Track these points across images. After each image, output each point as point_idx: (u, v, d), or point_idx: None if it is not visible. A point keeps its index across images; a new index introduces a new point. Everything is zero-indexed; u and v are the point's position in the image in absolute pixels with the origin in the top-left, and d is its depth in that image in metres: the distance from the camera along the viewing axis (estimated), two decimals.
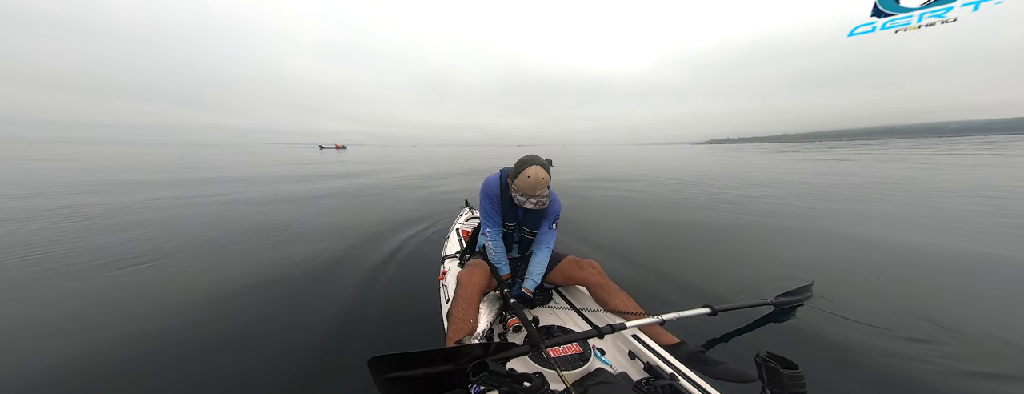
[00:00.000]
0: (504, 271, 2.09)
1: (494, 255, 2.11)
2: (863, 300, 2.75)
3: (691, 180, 11.78)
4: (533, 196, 1.90)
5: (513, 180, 1.96)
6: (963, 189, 8.21)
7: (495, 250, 2.11)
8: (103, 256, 3.67)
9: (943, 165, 14.76)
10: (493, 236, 2.13)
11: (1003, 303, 2.69)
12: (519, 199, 1.93)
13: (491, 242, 2.12)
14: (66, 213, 5.72)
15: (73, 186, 9.21)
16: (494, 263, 2.10)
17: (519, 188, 1.91)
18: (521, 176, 1.88)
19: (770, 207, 6.71)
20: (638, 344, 1.65)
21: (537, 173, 1.85)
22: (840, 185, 9.58)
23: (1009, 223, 5.00)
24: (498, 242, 2.13)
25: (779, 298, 2.44)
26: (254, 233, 4.73)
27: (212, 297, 2.80)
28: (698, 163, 22.04)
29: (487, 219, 2.16)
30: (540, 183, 1.86)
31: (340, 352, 2.10)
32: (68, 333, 2.24)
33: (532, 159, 1.92)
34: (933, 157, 20.19)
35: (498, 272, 2.07)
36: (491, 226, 2.14)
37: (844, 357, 2.08)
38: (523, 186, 1.88)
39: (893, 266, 3.50)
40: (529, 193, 1.89)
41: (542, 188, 1.88)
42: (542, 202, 1.92)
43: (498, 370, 1.19)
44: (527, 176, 1.86)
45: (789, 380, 1.19)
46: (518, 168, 1.93)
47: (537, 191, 1.88)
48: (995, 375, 1.91)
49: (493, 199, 2.13)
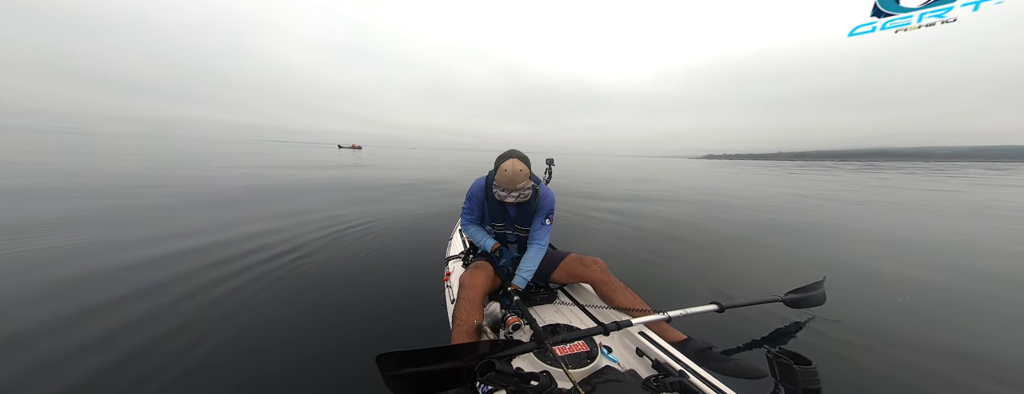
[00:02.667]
0: (489, 245, 2.18)
1: (475, 238, 2.25)
2: (876, 300, 2.72)
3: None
4: (514, 189, 1.90)
5: (493, 175, 1.99)
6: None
7: (472, 233, 2.28)
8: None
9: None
10: (464, 224, 2.32)
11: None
12: (500, 194, 1.95)
13: (466, 228, 2.31)
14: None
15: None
16: (479, 245, 2.24)
17: (499, 183, 1.93)
18: (500, 170, 1.90)
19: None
20: (645, 341, 1.63)
21: (514, 166, 1.87)
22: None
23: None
24: (473, 227, 2.30)
25: (789, 294, 2.39)
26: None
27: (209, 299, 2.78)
28: (730, 184, 16.41)
29: (464, 212, 2.31)
30: (518, 176, 1.87)
31: (345, 352, 2.08)
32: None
33: (509, 153, 1.94)
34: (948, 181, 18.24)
35: (501, 271, 2.07)
36: (465, 217, 2.31)
37: (856, 354, 2.06)
38: (502, 180, 1.90)
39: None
40: (509, 187, 1.90)
41: (521, 181, 1.89)
42: (524, 195, 1.94)
43: (505, 369, 1.17)
44: (504, 170, 1.87)
45: (803, 376, 1.17)
46: (496, 164, 1.96)
47: (517, 184, 1.89)
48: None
49: (475, 197, 2.21)
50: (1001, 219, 7.07)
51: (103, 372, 1.82)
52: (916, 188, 13.59)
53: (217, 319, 2.39)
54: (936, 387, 1.87)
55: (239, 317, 2.43)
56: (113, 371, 1.83)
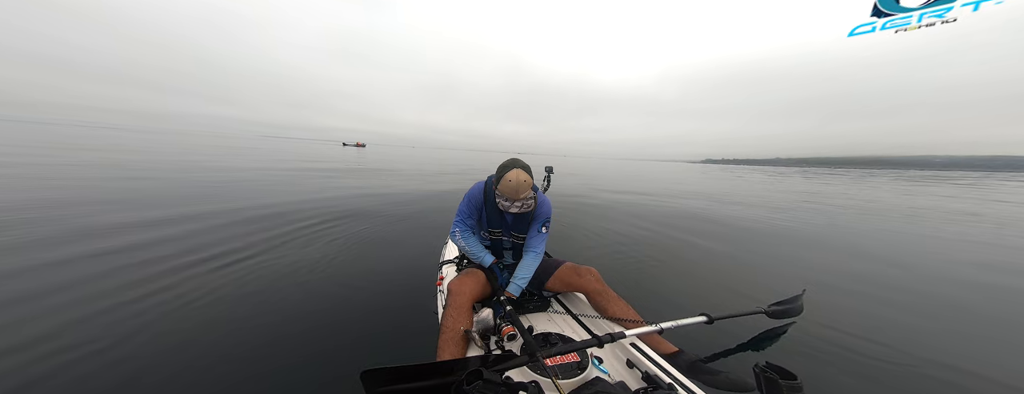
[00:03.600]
0: (487, 261, 2.10)
1: (469, 251, 2.13)
2: (853, 308, 2.84)
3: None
4: (517, 199, 1.90)
5: (496, 186, 1.96)
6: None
7: (467, 245, 2.14)
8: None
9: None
10: (463, 235, 2.16)
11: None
12: (504, 204, 1.94)
13: (461, 238, 2.15)
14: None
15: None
16: (474, 259, 2.14)
17: (502, 193, 1.92)
18: (503, 181, 1.89)
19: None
20: (636, 353, 1.64)
21: (518, 176, 1.86)
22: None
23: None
24: (468, 237, 2.17)
25: (772, 306, 2.49)
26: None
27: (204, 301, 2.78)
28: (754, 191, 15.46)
29: (459, 220, 2.18)
30: (522, 186, 1.87)
31: (334, 355, 2.08)
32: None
33: (513, 163, 1.93)
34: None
35: (494, 277, 2.06)
36: (460, 225, 2.18)
37: (838, 364, 2.13)
38: (506, 190, 1.89)
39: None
40: (513, 197, 1.90)
41: (525, 191, 1.90)
42: (527, 205, 1.94)
43: (493, 378, 1.18)
44: (508, 180, 1.86)
45: (788, 391, 1.18)
46: (499, 173, 1.94)
47: (520, 194, 1.89)
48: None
49: (474, 203, 2.16)
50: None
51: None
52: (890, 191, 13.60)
53: (197, 323, 2.36)
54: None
55: (198, 316, 2.39)
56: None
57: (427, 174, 16.04)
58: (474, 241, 2.18)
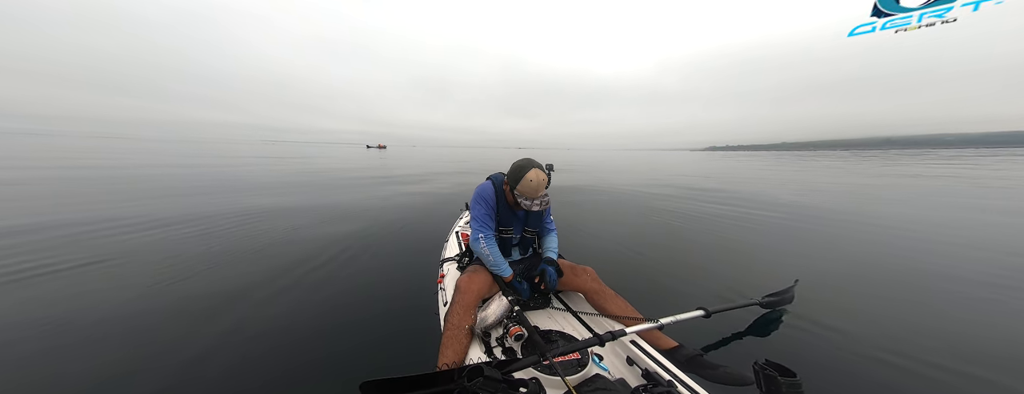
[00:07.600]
0: (507, 273, 2.05)
1: (492, 260, 2.06)
2: (845, 300, 2.90)
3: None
4: (537, 198, 1.97)
5: (514, 186, 1.99)
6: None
7: (492, 254, 2.06)
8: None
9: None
10: (487, 242, 2.08)
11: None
12: (525, 203, 1.98)
13: (486, 246, 2.07)
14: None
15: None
16: (493, 268, 2.06)
17: (523, 192, 1.97)
18: (524, 181, 1.93)
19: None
20: (636, 350, 1.64)
21: (537, 175, 1.93)
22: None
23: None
24: (493, 246, 2.10)
25: (766, 298, 2.54)
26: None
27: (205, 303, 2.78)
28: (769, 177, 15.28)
29: (481, 225, 2.11)
30: (541, 185, 1.94)
31: (331, 356, 2.09)
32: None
33: (529, 163, 1.97)
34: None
35: (502, 278, 2.05)
36: (484, 231, 2.10)
37: (829, 355, 2.15)
38: (526, 190, 1.94)
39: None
40: (533, 196, 1.96)
41: (543, 189, 1.97)
42: (545, 202, 2.01)
43: (493, 375, 1.18)
44: (529, 180, 1.92)
45: (787, 388, 1.18)
46: (517, 174, 1.97)
47: (539, 193, 1.96)
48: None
49: (489, 205, 2.13)
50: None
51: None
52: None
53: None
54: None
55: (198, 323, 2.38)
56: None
57: (447, 173, 15.74)
58: (498, 249, 2.11)
